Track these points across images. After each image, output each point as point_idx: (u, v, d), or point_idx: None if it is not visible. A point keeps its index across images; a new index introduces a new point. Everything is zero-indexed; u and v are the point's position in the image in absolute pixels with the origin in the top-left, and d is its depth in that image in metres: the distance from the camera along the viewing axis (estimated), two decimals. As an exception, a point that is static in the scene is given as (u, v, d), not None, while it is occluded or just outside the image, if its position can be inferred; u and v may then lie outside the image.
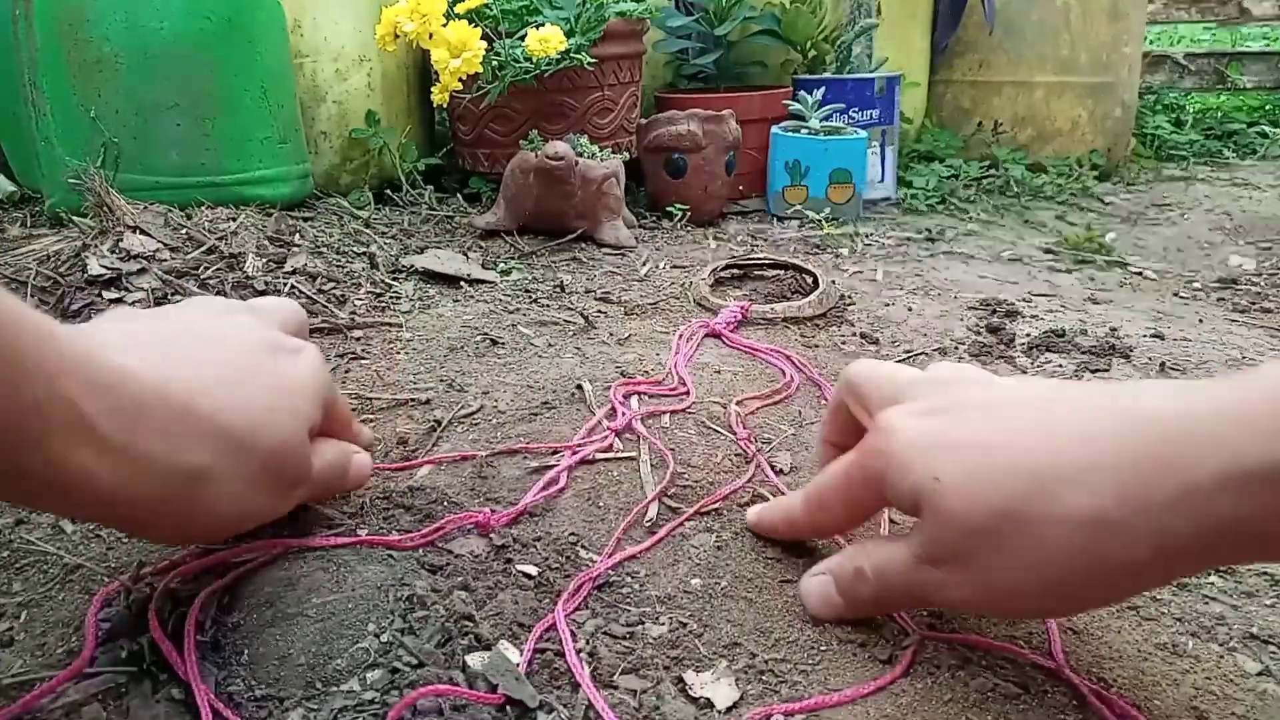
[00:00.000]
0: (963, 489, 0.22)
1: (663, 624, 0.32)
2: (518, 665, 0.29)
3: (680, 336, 0.63)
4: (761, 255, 0.87)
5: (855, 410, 0.31)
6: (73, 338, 0.23)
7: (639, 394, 0.53)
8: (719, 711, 0.28)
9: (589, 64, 0.98)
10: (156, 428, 0.25)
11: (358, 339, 0.63)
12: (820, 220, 1.08)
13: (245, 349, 0.29)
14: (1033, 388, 0.26)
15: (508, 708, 0.27)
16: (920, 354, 0.62)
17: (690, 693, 0.29)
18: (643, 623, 0.32)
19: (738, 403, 0.51)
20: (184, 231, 0.71)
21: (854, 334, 0.66)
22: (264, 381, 0.29)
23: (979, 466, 0.22)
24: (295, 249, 0.76)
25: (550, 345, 0.62)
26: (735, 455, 0.45)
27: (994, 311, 0.71)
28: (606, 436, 0.46)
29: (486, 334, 0.64)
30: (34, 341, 0.21)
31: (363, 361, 0.59)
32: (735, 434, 0.47)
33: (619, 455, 0.45)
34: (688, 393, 0.52)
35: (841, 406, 0.32)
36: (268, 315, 0.32)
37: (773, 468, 0.43)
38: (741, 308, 0.68)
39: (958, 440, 0.23)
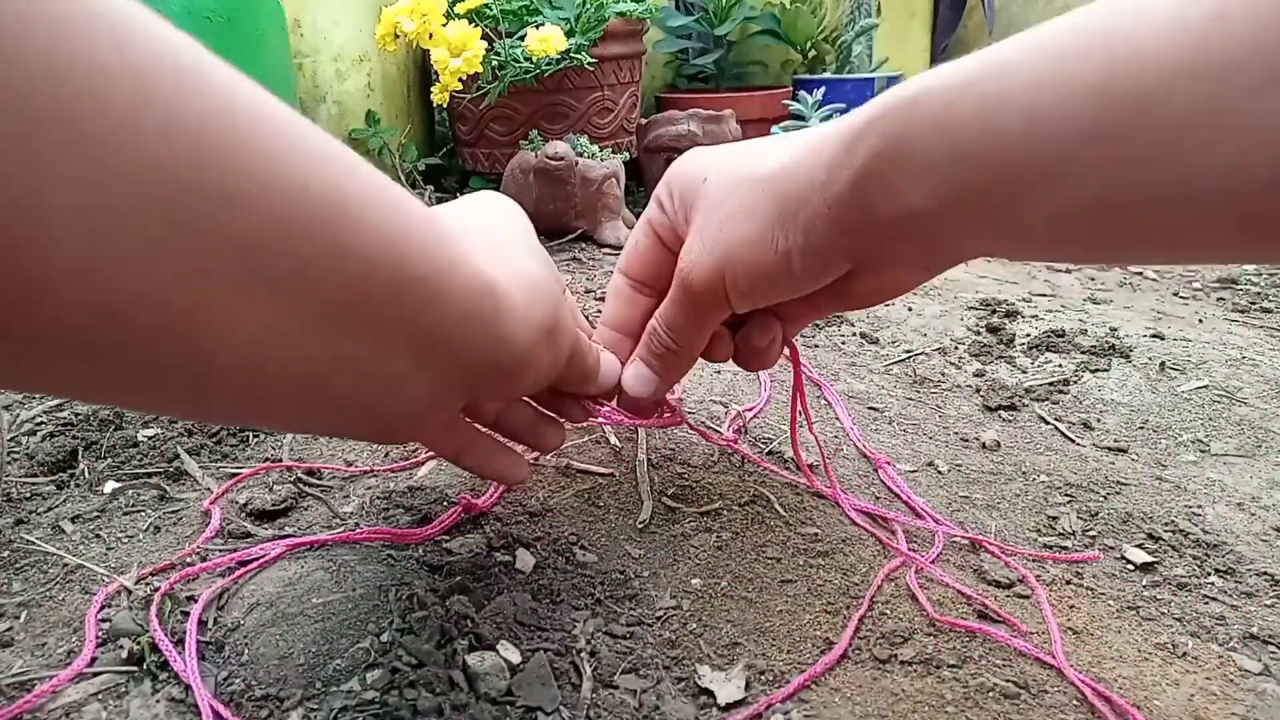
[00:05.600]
0: (718, 175, 0.31)
1: (663, 624, 0.32)
2: (518, 665, 0.29)
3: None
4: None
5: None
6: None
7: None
8: (719, 707, 0.28)
9: (589, 64, 0.98)
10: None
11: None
12: (820, 220, 1.08)
13: (523, 229, 0.32)
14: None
15: (509, 708, 0.27)
16: (920, 354, 0.62)
17: (700, 683, 0.29)
18: (643, 622, 0.32)
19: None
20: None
21: (853, 334, 0.66)
22: (539, 252, 0.31)
23: (728, 160, 0.31)
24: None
25: (550, 345, 0.62)
26: (735, 455, 0.45)
27: (994, 311, 0.71)
28: (601, 425, 0.46)
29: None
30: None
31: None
32: (724, 434, 0.47)
33: (616, 451, 0.45)
34: (680, 399, 0.52)
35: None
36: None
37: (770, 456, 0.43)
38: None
39: (717, 155, 0.32)
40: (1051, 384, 0.57)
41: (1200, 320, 0.72)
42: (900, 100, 0.25)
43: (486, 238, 0.28)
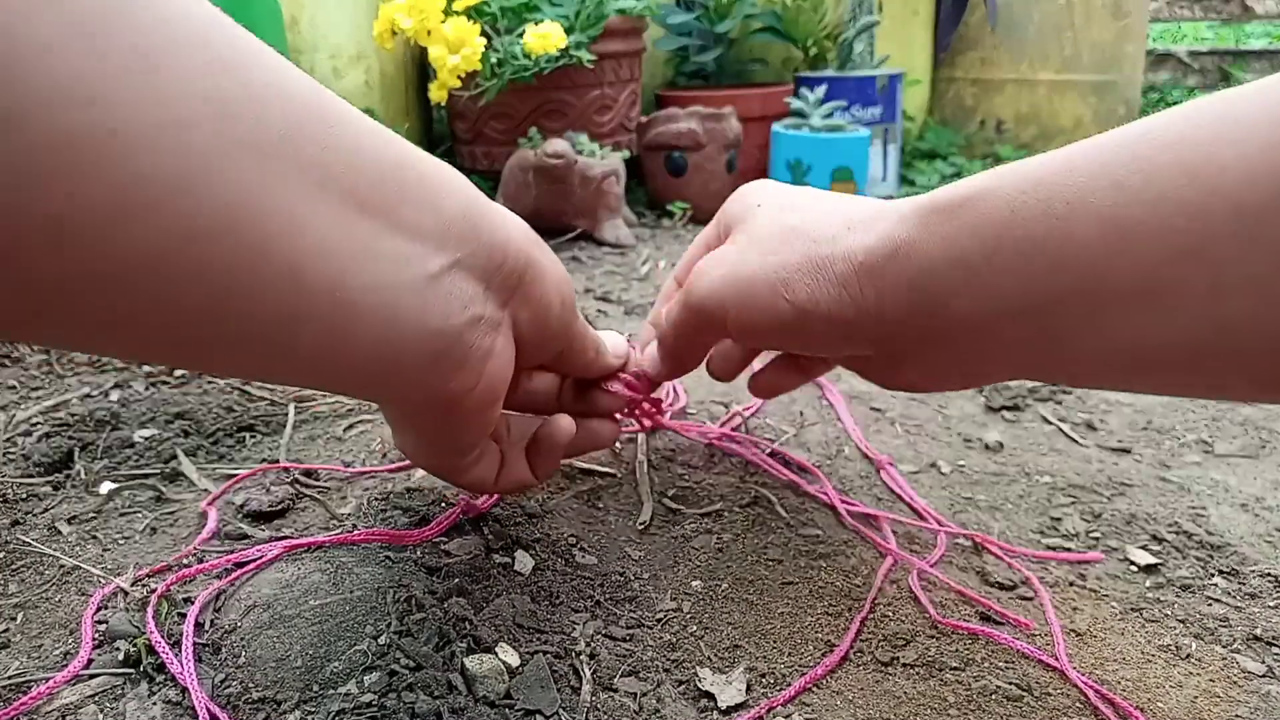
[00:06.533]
0: (771, 206, 0.31)
1: (664, 626, 0.32)
2: (517, 668, 0.29)
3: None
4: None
5: None
6: None
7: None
8: (720, 710, 0.28)
9: (588, 61, 0.98)
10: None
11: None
12: (821, 218, 1.08)
13: None
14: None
15: (508, 711, 0.27)
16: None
17: (701, 686, 0.29)
18: (643, 625, 0.32)
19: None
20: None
21: (855, 333, 0.65)
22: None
23: (789, 201, 0.31)
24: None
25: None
26: (734, 456, 0.45)
27: (996, 310, 0.71)
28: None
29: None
30: None
31: (362, 360, 0.59)
32: (715, 428, 0.47)
33: (616, 451, 0.44)
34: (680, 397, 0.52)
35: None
36: None
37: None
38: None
39: (781, 192, 0.33)
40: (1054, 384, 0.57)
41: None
42: (954, 198, 0.23)
43: None
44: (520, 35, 0.94)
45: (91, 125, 0.16)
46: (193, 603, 0.31)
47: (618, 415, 0.38)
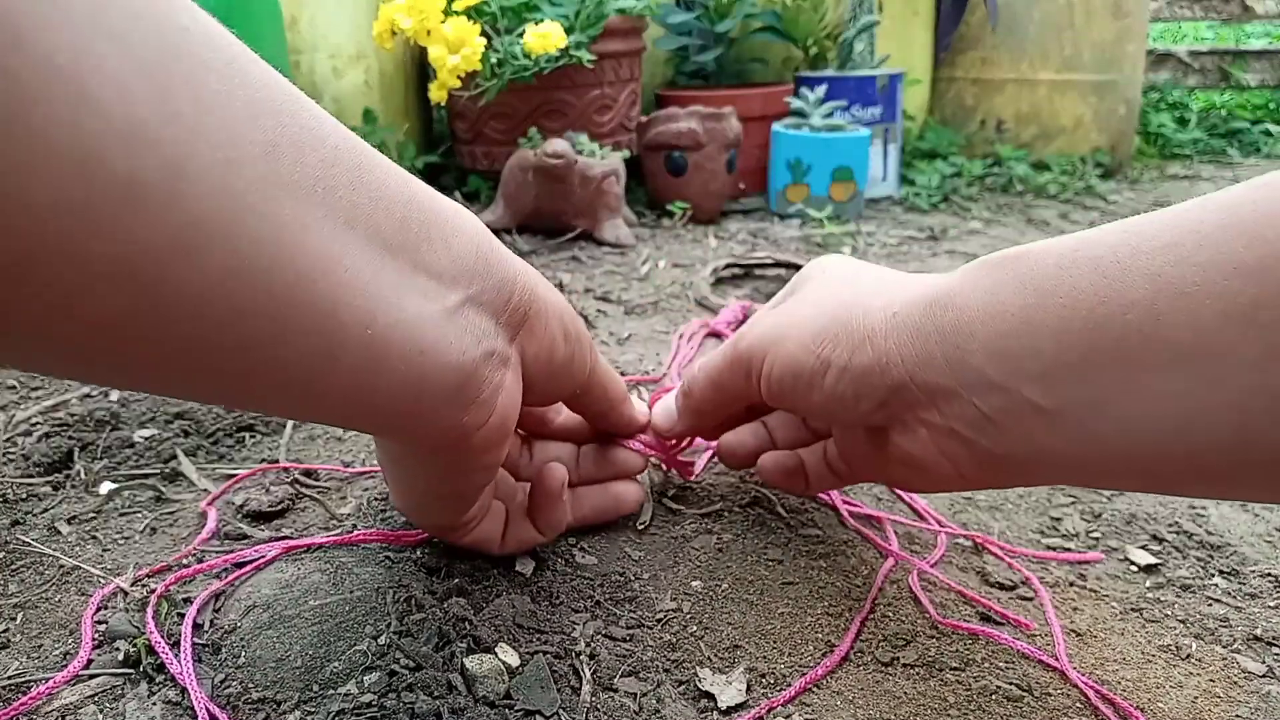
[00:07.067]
0: (834, 273, 0.32)
1: (664, 626, 0.32)
2: (517, 668, 0.29)
3: (680, 336, 0.62)
4: (763, 254, 0.86)
5: None
6: None
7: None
8: (720, 711, 0.28)
9: (588, 61, 0.98)
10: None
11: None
12: (822, 219, 1.08)
13: None
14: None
15: (507, 711, 0.27)
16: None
17: (701, 686, 0.29)
18: (643, 625, 0.32)
19: None
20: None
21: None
22: None
23: (855, 270, 0.31)
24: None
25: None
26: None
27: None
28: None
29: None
30: None
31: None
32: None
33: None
34: None
35: None
36: None
37: None
38: (742, 307, 0.67)
39: (851, 263, 0.33)
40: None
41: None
42: (1007, 254, 0.23)
43: None
44: (520, 35, 0.94)
45: (156, 165, 0.16)
46: (192, 603, 0.31)
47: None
